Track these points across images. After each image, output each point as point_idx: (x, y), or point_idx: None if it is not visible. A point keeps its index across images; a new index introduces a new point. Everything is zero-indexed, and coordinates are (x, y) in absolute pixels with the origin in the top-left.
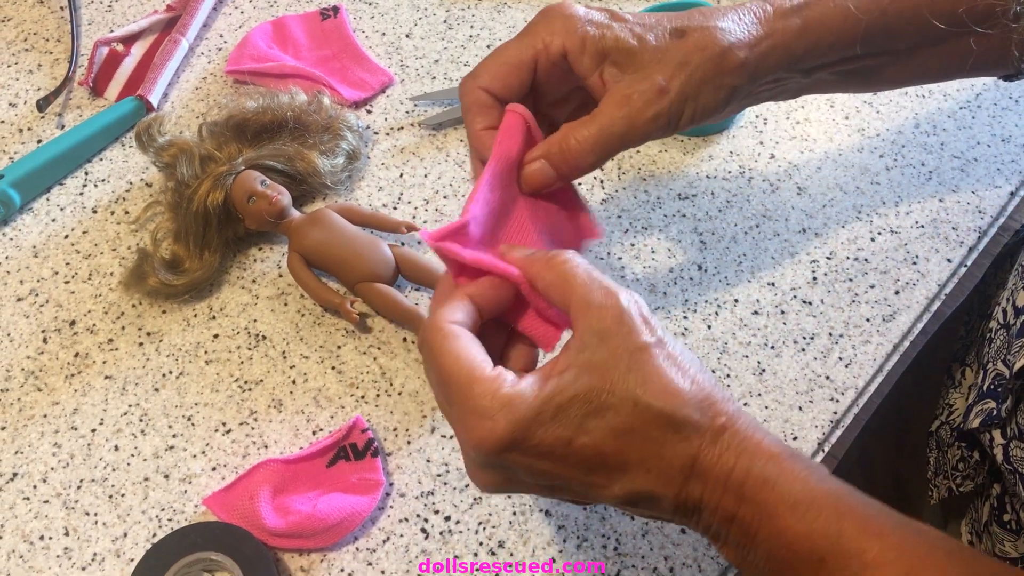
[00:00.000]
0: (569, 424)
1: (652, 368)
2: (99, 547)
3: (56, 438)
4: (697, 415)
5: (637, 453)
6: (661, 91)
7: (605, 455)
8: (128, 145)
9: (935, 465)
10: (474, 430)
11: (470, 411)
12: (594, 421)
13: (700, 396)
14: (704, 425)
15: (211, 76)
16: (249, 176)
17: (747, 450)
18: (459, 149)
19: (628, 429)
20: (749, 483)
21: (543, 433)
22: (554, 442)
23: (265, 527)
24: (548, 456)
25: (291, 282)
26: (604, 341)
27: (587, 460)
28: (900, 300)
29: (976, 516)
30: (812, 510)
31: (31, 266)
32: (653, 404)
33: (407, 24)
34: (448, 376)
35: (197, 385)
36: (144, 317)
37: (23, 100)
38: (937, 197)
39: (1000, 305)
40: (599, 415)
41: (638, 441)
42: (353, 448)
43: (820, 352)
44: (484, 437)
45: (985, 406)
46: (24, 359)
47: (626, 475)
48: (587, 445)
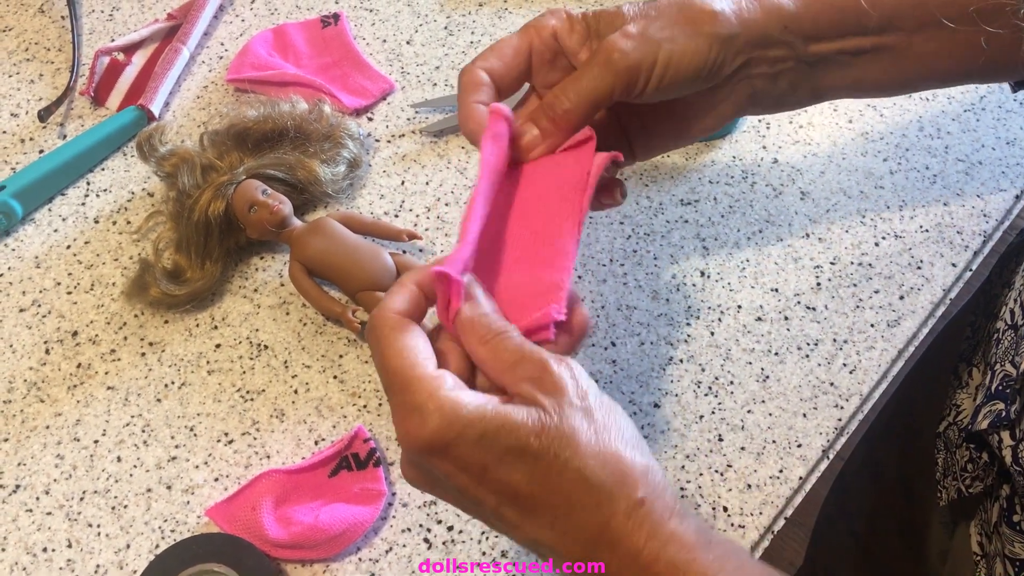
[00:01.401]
0: (491, 451)
1: (585, 429)
2: (102, 559)
3: (59, 449)
4: (615, 485)
5: (548, 504)
6: (628, 36)
7: (517, 493)
8: (130, 155)
9: (943, 467)
10: (405, 424)
11: (406, 405)
12: (514, 458)
13: (624, 467)
14: (620, 496)
15: (212, 85)
16: (250, 185)
17: (659, 535)
18: (460, 156)
19: (544, 478)
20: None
21: (466, 449)
22: (474, 463)
23: (268, 538)
24: (466, 472)
25: (293, 291)
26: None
27: (499, 491)
28: (905, 305)
29: (985, 517)
30: None
31: (33, 277)
32: (572, 462)
33: (408, 31)
34: (389, 367)
35: (199, 395)
36: (146, 327)
37: (24, 110)
38: (941, 201)
39: (1007, 305)
40: (521, 456)
41: (551, 494)
42: (355, 458)
43: (824, 358)
44: (412, 433)
45: (993, 407)
46: (26, 370)
47: (533, 520)
48: (501, 478)
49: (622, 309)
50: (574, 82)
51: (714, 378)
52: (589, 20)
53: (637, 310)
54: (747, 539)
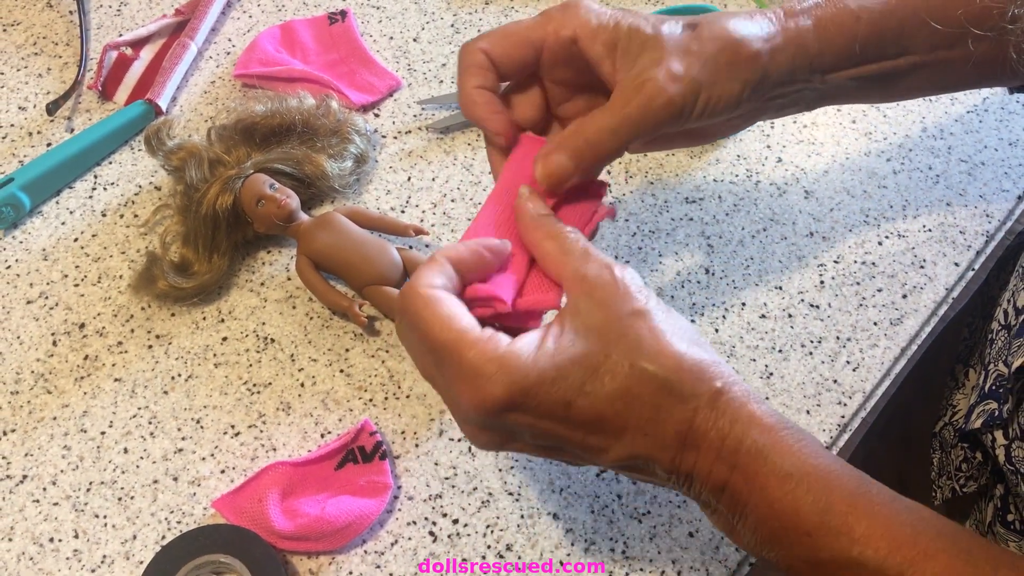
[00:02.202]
0: (568, 386)
1: (648, 332)
2: (108, 549)
3: (66, 440)
4: (693, 380)
5: (635, 417)
6: (674, 77)
7: (604, 418)
8: (137, 149)
9: (939, 466)
10: (472, 392)
11: (465, 374)
12: (592, 384)
13: (696, 361)
14: (700, 390)
15: (220, 80)
16: (258, 180)
17: (741, 418)
18: (467, 153)
19: (625, 392)
20: (742, 452)
21: (543, 394)
22: (554, 403)
23: (274, 529)
24: (548, 416)
25: (299, 285)
26: (599, 307)
27: (586, 422)
28: (907, 304)
29: (980, 517)
30: (802, 484)
31: (41, 269)
32: (648, 368)
33: (414, 28)
34: (436, 340)
35: (206, 388)
36: (153, 320)
37: (32, 104)
38: (944, 201)
39: (1002, 306)
40: (597, 378)
41: (636, 405)
42: (361, 451)
43: (827, 356)
44: (484, 398)
45: (987, 407)
46: (34, 362)
47: (624, 438)
48: (586, 407)
49: None
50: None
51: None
52: (620, 32)
53: None
54: None
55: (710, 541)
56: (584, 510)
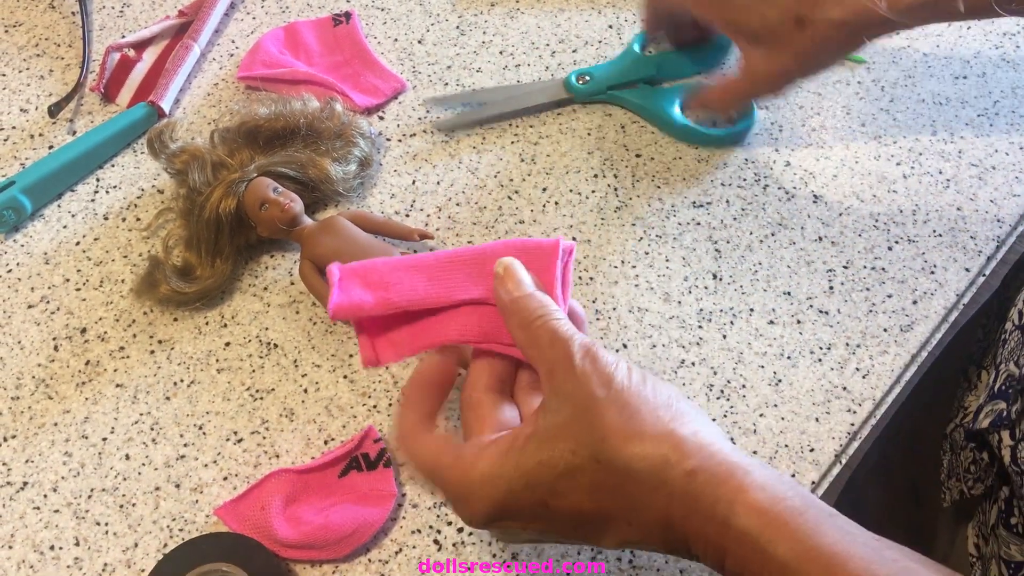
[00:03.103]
0: (541, 490)
1: (612, 419)
2: (110, 557)
3: (67, 447)
4: (661, 465)
5: (614, 507)
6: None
7: (584, 513)
8: (140, 151)
9: (948, 468)
10: (462, 510)
11: (452, 497)
12: (564, 483)
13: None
14: (670, 476)
15: (223, 82)
16: (261, 183)
17: (722, 498)
18: (472, 156)
19: (598, 486)
20: (730, 537)
21: (519, 503)
22: (533, 507)
23: (277, 538)
24: (534, 519)
25: (303, 290)
26: (565, 401)
27: (570, 519)
28: (918, 310)
29: (983, 519)
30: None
31: (42, 273)
32: (614, 459)
33: (419, 30)
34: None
35: (208, 394)
36: (155, 325)
37: (34, 106)
38: (955, 206)
39: (1016, 307)
40: (568, 477)
41: (611, 497)
42: (365, 458)
43: (837, 363)
44: (472, 514)
45: (995, 407)
46: (35, 367)
47: (611, 529)
48: (563, 507)
49: (633, 311)
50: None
51: (726, 381)
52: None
53: (648, 312)
54: None
55: None
56: None
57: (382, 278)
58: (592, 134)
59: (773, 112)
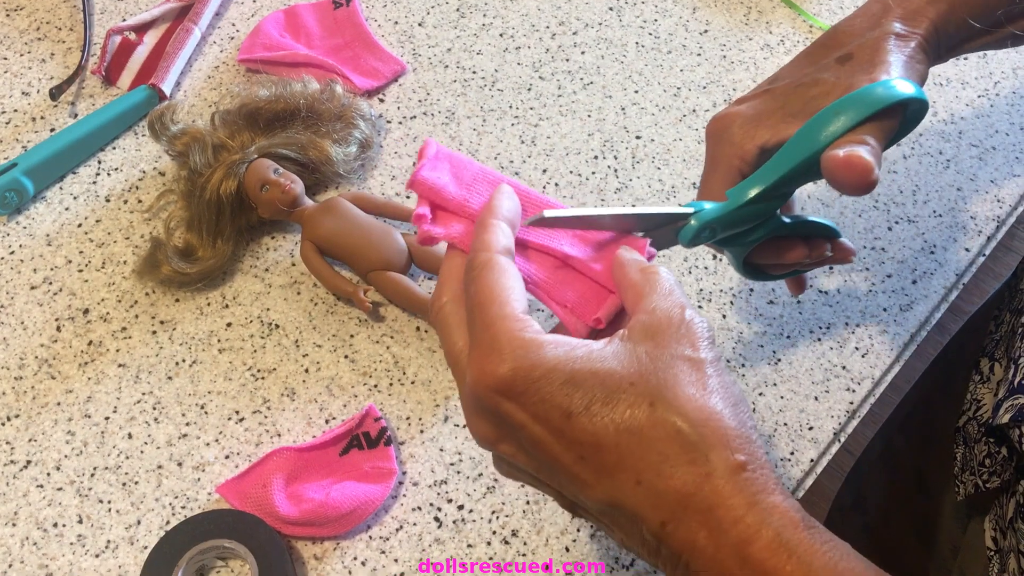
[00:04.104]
0: (575, 397)
1: (689, 380)
2: (112, 534)
3: (70, 426)
4: (715, 442)
5: (635, 458)
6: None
7: (600, 446)
8: (141, 134)
9: (962, 461)
10: (479, 362)
11: (483, 344)
12: (602, 406)
13: (726, 425)
14: (719, 456)
15: (223, 65)
16: (262, 164)
17: (760, 505)
18: (472, 138)
19: (634, 429)
20: (756, 545)
21: (544, 392)
22: (553, 407)
23: (278, 515)
24: (544, 420)
25: (304, 271)
26: (651, 336)
27: (581, 443)
28: (917, 290)
29: (1000, 513)
30: None
31: (44, 255)
32: (670, 414)
33: (419, 13)
34: (475, 303)
35: (210, 373)
36: (157, 305)
37: (36, 89)
38: (955, 186)
39: None
40: (610, 402)
41: (640, 446)
42: (366, 436)
43: (836, 342)
44: (486, 371)
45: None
46: (38, 347)
47: (614, 478)
48: (585, 427)
49: None
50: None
51: (726, 361)
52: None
53: None
54: None
55: None
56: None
57: (473, 179)
58: (592, 116)
59: None
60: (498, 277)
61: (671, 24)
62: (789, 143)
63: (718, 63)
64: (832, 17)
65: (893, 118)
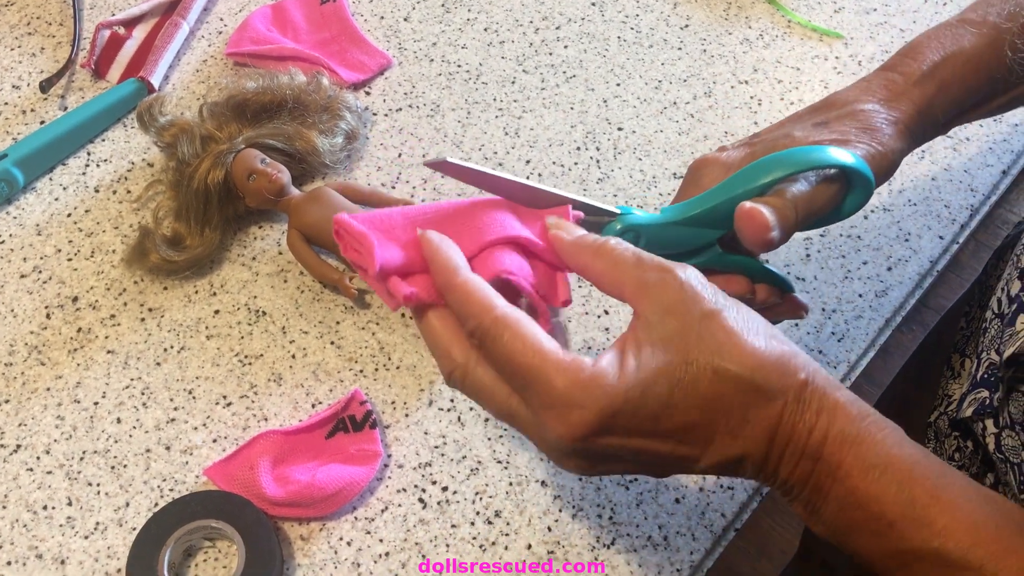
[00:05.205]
0: (656, 401)
1: (723, 333)
2: (101, 516)
3: (59, 411)
4: (778, 375)
5: (724, 420)
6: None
7: (694, 426)
8: (130, 126)
9: None
10: (561, 420)
11: (554, 402)
12: (678, 394)
13: (777, 355)
14: (786, 385)
15: (211, 59)
16: (249, 154)
17: (826, 408)
18: (457, 130)
19: (713, 397)
20: (828, 443)
21: (632, 413)
22: (643, 420)
23: (265, 496)
24: (638, 434)
25: (291, 259)
26: (670, 314)
27: (676, 433)
28: (892, 276)
29: None
30: (886, 475)
31: (34, 244)
32: (732, 369)
33: (405, 8)
34: (522, 366)
35: (198, 359)
36: (146, 293)
37: (26, 82)
38: (929, 176)
39: (996, 295)
40: (682, 388)
41: (724, 408)
42: (352, 420)
43: (813, 327)
44: (575, 424)
45: (978, 395)
46: (27, 334)
47: (714, 443)
48: (675, 418)
49: None
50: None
51: None
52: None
53: None
54: (736, 499)
55: (696, 507)
56: (572, 477)
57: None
58: (575, 108)
59: (752, 86)
60: (518, 331)
61: (652, 19)
62: (722, 184)
63: (698, 57)
64: (810, 12)
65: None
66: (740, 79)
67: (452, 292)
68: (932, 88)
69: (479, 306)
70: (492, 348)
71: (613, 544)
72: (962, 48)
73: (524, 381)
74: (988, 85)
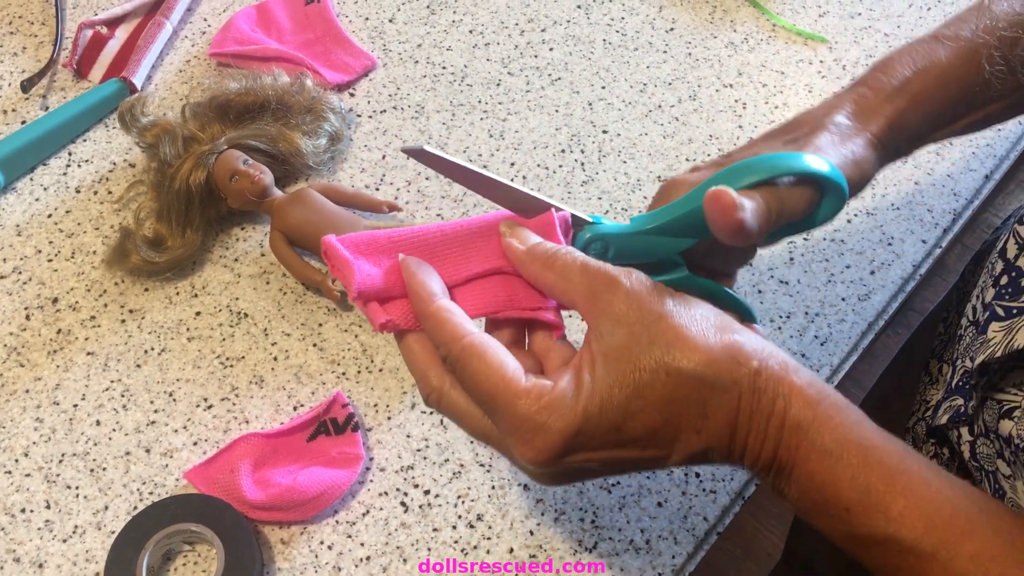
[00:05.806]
0: (616, 412)
1: (672, 333)
2: (80, 519)
3: (38, 413)
4: (730, 367)
5: (684, 419)
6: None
7: (657, 429)
8: (112, 126)
9: None
10: (527, 445)
11: (518, 427)
12: (637, 402)
13: (726, 347)
14: (739, 375)
15: (195, 59)
16: (231, 155)
17: (782, 393)
18: (441, 132)
19: (670, 399)
20: (786, 428)
21: (594, 428)
22: (607, 433)
23: (245, 500)
24: (604, 446)
25: (273, 261)
26: (619, 324)
27: (641, 439)
28: (875, 280)
29: None
30: (841, 461)
31: (14, 244)
32: (684, 367)
33: (390, 9)
34: (487, 393)
35: (179, 361)
36: (126, 295)
37: (7, 82)
38: (913, 180)
39: (971, 303)
40: (639, 394)
41: (682, 408)
42: (333, 423)
43: (796, 330)
44: (541, 449)
45: (953, 403)
46: (7, 335)
47: (679, 442)
48: (636, 426)
49: None
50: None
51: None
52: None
53: None
54: (718, 503)
55: (678, 511)
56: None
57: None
58: (560, 111)
59: (737, 90)
60: (484, 358)
61: (638, 22)
62: (692, 191)
63: (683, 60)
64: (795, 16)
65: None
66: (725, 83)
67: (426, 319)
68: (904, 102)
69: (450, 334)
70: (462, 375)
71: (595, 548)
72: (935, 62)
73: (490, 407)
74: (962, 99)
